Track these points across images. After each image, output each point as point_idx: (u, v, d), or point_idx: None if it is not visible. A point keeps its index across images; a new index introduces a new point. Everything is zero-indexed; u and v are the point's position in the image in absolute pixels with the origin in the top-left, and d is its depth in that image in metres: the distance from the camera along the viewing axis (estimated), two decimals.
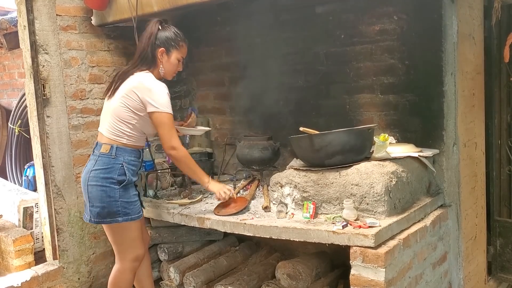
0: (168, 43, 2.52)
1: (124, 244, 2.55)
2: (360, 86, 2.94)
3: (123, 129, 2.47)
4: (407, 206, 2.42)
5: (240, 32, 3.49)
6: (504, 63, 3.00)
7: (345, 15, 2.95)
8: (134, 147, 2.53)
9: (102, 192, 2.43)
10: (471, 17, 2.83)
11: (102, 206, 2.44)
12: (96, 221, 2.49)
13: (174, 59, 2.55)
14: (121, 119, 2.47)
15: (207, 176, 2.64)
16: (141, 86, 2.44)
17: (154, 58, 2.52)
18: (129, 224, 2.50)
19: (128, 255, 2.56)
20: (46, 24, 3.02)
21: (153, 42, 2.50)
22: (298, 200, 2.50)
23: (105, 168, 2.45)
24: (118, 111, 2.47)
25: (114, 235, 2.54)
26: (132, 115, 2.46)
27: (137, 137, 2.53)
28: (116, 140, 2.47)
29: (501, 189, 3.17)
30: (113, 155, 2.45)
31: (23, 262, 3.32)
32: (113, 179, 2.44)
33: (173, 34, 2.54)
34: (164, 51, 2.52)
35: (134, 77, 2.48)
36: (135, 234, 2.55)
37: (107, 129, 2.50)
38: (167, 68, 2.56)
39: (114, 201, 2.44)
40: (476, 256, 3.01)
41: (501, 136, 3.14)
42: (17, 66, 5.29)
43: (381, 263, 2.03)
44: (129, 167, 2.49)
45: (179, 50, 2.56)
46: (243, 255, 3.34)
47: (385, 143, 2.47)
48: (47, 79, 3.03)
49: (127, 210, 2.47)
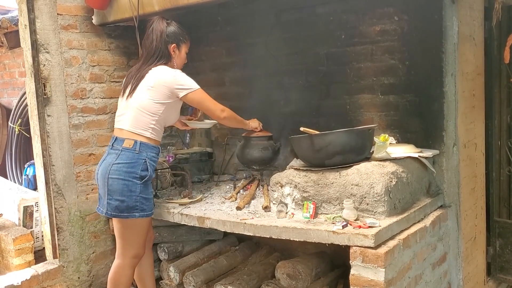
0: (177, 38, 2.68)
1: (129, 239, 2.58)
2: (360, 86, 2.95)
3: (148, 122, 2.56)
4: (407, 207, 2.43)
5: (241, 32, 3.49)
6: (505, 64, 2.99)
7: (346, 16, 2.95)
8: (155, 142, 2.61)
9: (124, 186, 2.48)
10: (471, 18, 2.83)
11: (122, 199, 2.48)
12: (113, 214, 2.53)
13: (183, 53, 2.74)
14: (148, 112, 2.56)
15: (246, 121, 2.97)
16: (164, 76, 2.57)
17: (169, 54, 2.67)
18: (141, 221, 2.55)
19: (129, 252, 2.59)
20: (47, 23, 3.02)
21: (165, 39, 2.64)
22: (298, 200, 2.50)
23: (128, 163, 2.50)
24: (144, 104, 2.56)
25: (124, 230, 2.57)
26: (159, 106, 2.56)
27: (159, 131, 2.62)
28: (140, 134, 2.55)
29: (500, 190, 3.17)
30: (137, 150, 2.51)
31: (23, 261, 3.33)
32: (136, 174, 2.49)
33: (179, 29, 2.69)
34: (175, 47, 2.67)
35: (153, 71, 2.60)
36: (143, 232, 2.60)
37: (130, 124, 2.57)
38: (179, 62, 2.73)
39: (135, 196, 2.49)
40: (476, 256, 3.01)
41: (501, 137, 3.14)
42: (18, 65, 5.30)
43: (381, 263, 2.03)
44: (151, 163, 2.56)
45: (186, 44, 2.74)
46: (243, 254, 3.35)
47: (385, 143, 2.47)
48: (48, 78, 3.03)
49: (144, 206, 2.52)
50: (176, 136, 3.91)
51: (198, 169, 3.54)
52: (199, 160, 3.58)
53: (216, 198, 3.07)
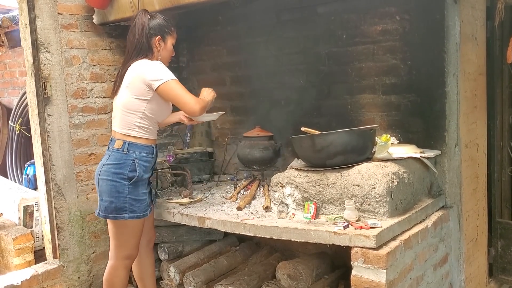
0: (162, 30, 2.58)
1: (120, 240, 2.55)
2: (362, 86, 2.93)
3: (133, 120, 2.49)
4: (408, 207, 2.42)
5: (242, 32, 3.48)
6: (507, 64, 2.98)
7: (347, 15, 2.94)
8: (146, 141, 2.53)
9: (112, 187, 2.46)
10: (473, 18, 2.82)
11: (110, 200, 2.46)
12: (103, 215, 2.51)
13: (169, 45, 2.62)
14: (130, 110, 2.49)
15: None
16: (139, 70, 2.47)
17: (150, 48, 2.56)
18: (132, 222, 2.51)
19: (121, 253, 2.57)
20: (48, 22, 3.01)
21: (147, 32, 2.54)
22: (299, 200, 2.49)
23: (116, 164, 2.47)
24: (125, 102, 2.50)
25: (115, 230, 2.55)
26: (140, 102, 2.47)
27: (148, 128, 2.53)
28: (128, 134, 2.50)
29: (502, 190, 3.16)
30: (125, 151, 2.48)
31: (23, 261, 3.32)
32: (123, 175, 2.46)
33: (164, 21, 2.60)
34: (160, 39, 2.57)
35: (131, 67, 2.52)
36: (134, 233, 2.56)
37: (118, 125, 2.53)
38: (165, 55, 2.62)
39: (123, 197, 2.46)
40: (477, 257, 3.00)
41: (503, 137, 3.13)
42: (18, 64, 5.29)
43: (382, 264, 2.02)
44: (141, 163, 2.49)
45: (172, 35, 2.63)
46: (243, 255, 3.34)
47: (387, 143, 2.46)
48: (48, 78, 3.02)
49: (133, 208, 2.48)
50: (176, 135, 3.90)
51: (199, 169, 3.53)
52: (200, 160, 3.57)
53: (216, 198, 3.06)
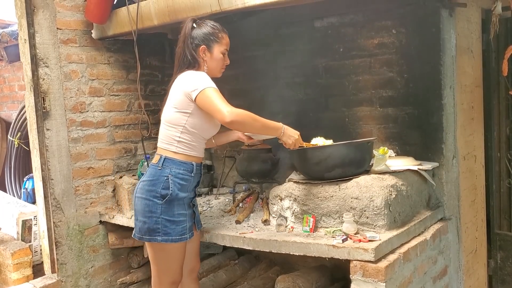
0: (207, 38, 2.36)
1: (160, 266, 2.33)
2: (359, 99, 2.95)
3: (173, 135, 2.30)
4: (407, 220, 2.42)
5: (240, 45, 3.49)
6: (503, 76, 3.01)
7: (344, 29, 2.96)
8: (185, 157, 2.31)
9: (145, 206, 2.26)
10: (469, 31, 2.85)
11: (143, 221, 2.27)
12: (138, 236, 2.31)
13: (217, 54, 2.40)
14: (171, 124, 2.30)
15: (279, 124, 2.40)
16: (181, 81, 2.30)
17: (195, 59, 2.36)
18: (169, 246, 2.27)
19: (163, 279, 2.34)
20: (47, 37, 3.03)
21: (190, 43, 2.35)
22: (297, 213, 2.49)
23: (150, 180, 2.28)
24: (168, 116, 2.32)
25: (152, 254, 2.34)
26: (181, 116, 2.28)
27: (189, 144, 2.31)
28: (166, 149, 2.31)
29: (501, 202, 3.16)
30: (159, 166, 2.28)
31: (21, 276, 3.30)
32: (156, 192, 2.25)
33: (210, 28, 2.39)
34: (205, 49, 2.36)
35: (176, 79, 2.35)
36: (175, 258, 2.32)
37: (160, 139, 2.37)
38: (213, 65, 2.40)
39: (155, 217, 2.24)
40: (477, 269, 2.99)
41: (500, 149, 3.14)
42: (17, 78, 5.31)
43: (381, 277, 2.02)
44: (175, 180, 2.27)
45: (220, 43, 2.40)
46: (242, 268, 3.32)
47: (384, 156, 2.47)
48: (47, 92, 3.04)
49: (167, 230, 2.25)
50: None
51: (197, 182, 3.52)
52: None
53: (215, 211, 3.05)
